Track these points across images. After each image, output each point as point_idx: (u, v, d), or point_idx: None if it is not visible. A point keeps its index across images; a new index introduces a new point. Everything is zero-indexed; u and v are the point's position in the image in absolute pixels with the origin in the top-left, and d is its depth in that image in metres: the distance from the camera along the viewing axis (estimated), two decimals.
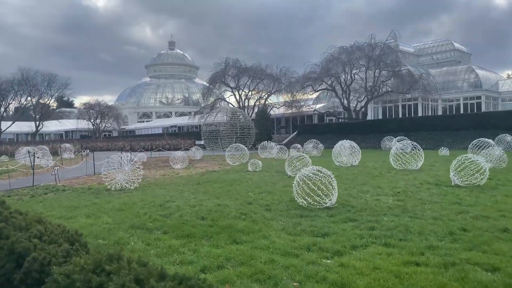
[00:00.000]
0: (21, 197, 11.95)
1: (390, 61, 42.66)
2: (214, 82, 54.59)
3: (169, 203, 9.52)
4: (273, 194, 10.36)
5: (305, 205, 8.43)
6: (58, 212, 8.91)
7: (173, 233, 6.56)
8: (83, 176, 17.78)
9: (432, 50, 65.75)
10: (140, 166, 13.67)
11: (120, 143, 50.17)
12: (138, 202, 9.73)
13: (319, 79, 44.95)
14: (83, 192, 12.68)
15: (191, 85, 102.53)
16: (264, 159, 25.78)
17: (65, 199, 11.09)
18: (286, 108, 53.18)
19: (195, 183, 13.70)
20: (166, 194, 11.20)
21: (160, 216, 7.90)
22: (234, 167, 20.42)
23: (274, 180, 13.78)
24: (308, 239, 5.99)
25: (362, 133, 39.76)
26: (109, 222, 7.50)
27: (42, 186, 14.47)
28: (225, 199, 9.92)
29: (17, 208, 7.18)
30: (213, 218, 7.58)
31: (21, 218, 5.19)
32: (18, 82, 71.00)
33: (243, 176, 15.51)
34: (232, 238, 6.17)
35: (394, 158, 16.86)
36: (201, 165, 22.72)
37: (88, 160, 19.95)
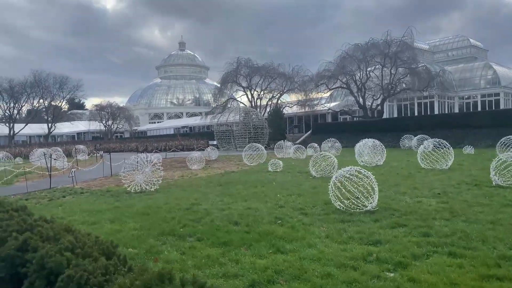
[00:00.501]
0: (39, 201, 11.54)
1: (406, 58, 41.73)
2: (226, 82, 54.16)
3: (196, 206, 9.00)
4: (303, 196, 9.78)
5: (344, 208, 7.84)
6: (80, 217, 8.44)
7: (208, 241, 6.02)
8: (100, 178, 17.39)
9: (448, 47, 64.40)
10: (160, 167, 13.19)
11: (133, 144, 50.02)
12: (162, 206, 9.22)
13: (334, 77, 44.18)
14: (102, 194, 12.23)
15: (202, 85, 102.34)
16: (280, 159, 25.17)
17: (84, 203, 10.64)
18: (299, 107, 52.49)
19: (217, 185, 13.17)
20: (190, 196, 10.68)
21: (189, 221, 7.37)
22: (253, 167, 19.87)
23: (299, 181, 13.19)
24: (360, 248, 5.39)
25: (378, 131, 38.85)
26: (136, 228, 6.99)
27: (59, 189, 14.08)
28: (254, 201, 9.36)
29: (36, 213, 6.72)
30: (247, 223, 7.02)
31: (48, 227, 4.69)
32: (30, 85, 71.51)
33: (264, 177, 14.95)
34: (274, 246, 5.60)
35: (421, 157, 16.14)
36: (218, 165, 22.21)
37: (104, 161, 19.57)
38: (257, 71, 52.74)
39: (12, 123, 71.05)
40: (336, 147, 27.48)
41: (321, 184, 11.81)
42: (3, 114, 73.62)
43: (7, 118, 72.00)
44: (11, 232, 4.80)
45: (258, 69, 52.78)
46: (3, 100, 70.98)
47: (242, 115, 42.61)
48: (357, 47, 44.44)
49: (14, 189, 14.32)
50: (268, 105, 53.99)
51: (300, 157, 24.16)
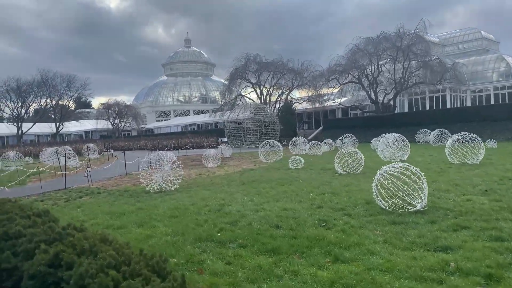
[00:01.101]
0: (56, 202, 10.99)
1: (420, 51, 40.76)
2: (234, 78, 53.35)
3: (226, 207, 8.37)
4: (338, 195, 9.11)
5: (390, 208, 7.17)
6: (103, 220, 7.85)
7: (253, 247, 5.39)
8: (115, 177, 16.84)
9: (458, 40, 63.18)
10: (180, 166, 12.58)
11: (141, 142, 49.56)
12: (189, 207, 8.60)
13: (345, 72, 43.28)
14: (121, 195, 11.66)
15: (208, 82, 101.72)
16: (296, 155, 24.51)
17: (104, 204, 10.07)
18: (309, 103, 51.65)
19: (240, 183, 12.55)
20: (215, 196, 10.06)
21: (225, 224, 6.75)
22: (271, 164, 19.22)
23: (325, 178, 12.52)
24: (431, 256, 4.74)
25: (391, 126, 38.02)
26: (168, 233, 6.38)
27: (75, 189, 13.53)
28: (287, 201, 8.72)
29: (57, 216, 6.13)
30: (289, 226, 6.38)
31: (80, 236, 4.07)
32: (38, 84, 71.26)
33: (287, 174, 14.29)
34: (331, 254, 4.96)
35: (450, 152, 15.40)
36: (233, 163, 21.59)
37: (119, 160, 19.01)
38: (266, 67, 51.87)
39: (20, 122, 70.90)
40: (350, 142, 26.69)
41: (352, 182, 11.15)
42: (11, 114, 73.50)
43: (15, 118, 71.85)
44: (37, 243, 4.20)
45: (267, 64, 51.92)
46: (11, 99, 70.85)
47: (253, 112, 41.94)
48: (368, 41, 43.50)
49: (28, 190, 13.80)
50: (277, 101, 53.20)
51: (317, 154, 23.47)
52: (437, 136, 27.33)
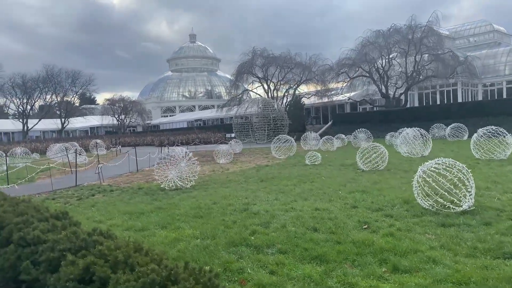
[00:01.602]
0: (67, 200, 10.50)
1: (432, 43, 39.89)
2: (241, 73, 52.68)
3: (251, 206, 7.83)
4: (369, 194, 8.54)
5: (434, 208, 6.60)
6: (121, 221, 7.33)
7: (294, 254, 4.84)
8: (126, 174, 16.34)
9: (469, 33, 62.11)
10: (196, 162, 12.05)
11: (148, 138, 49.13)
12: (212, 206, 8.07)
13: (355, 65, 42.49)
14: (135, 192, 11.15)
15: (213, 77, 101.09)
16: (308, 151, 23.94)
17: (119, 202, 9.56)
18: (317, 97, 50.93)
19: (258, 180, 12.00)
20: (236, 194, 9.52)
21: (256, 226, 6.21)
22: (285, 160, 18.65)
23: (349, 175, 11.94)
24: (505, 265, 4.17)
25: (404, 121, 37.26)
26: (197, 236, 5.84)
27: (86, 186, 13.04)
28: (316, 200, 8.16)
29: (78, 220, 5.61)
30: (328, 229, 5.83)
31: (110, 245, 3.53)
32: (43, 80, 70.98)
33: (306, 170, 13.72)
34: (387, 262, 4.41)
35: (475, 147, 14.77)
36: (245, 159, 21.05)
37: (128, 155, 18.52)
38: (273, 61, 51.14)
39: (26, 118, 70.72)
40: (363, 137, 25.99)
41: (379, 179, 10.57)
42: (16, 110, 73.34)
43: (21, 114, 71.67)
44: (62, 251, 3.66)
45: (274, 59, 51.18)
46: (16, 96, 70.65)
47: (261, 107, 41.33)
48: (379, 34, 42.66)
49: (37, 187, 13.33)
50: (285, 96, 52.52)
51: (330, 149, 22.87)
52: (453, 130, 26.62)
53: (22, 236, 4.39)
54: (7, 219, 5.28)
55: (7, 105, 76.74)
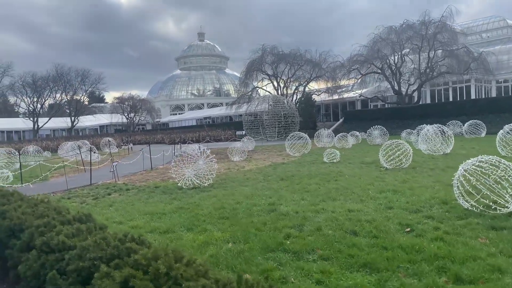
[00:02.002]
0: (83, 199, 10.19)
1: (446, 39, 39.11)
2: (251, 71, 52.30)
3: (278, 206, 7.43)
4: (402, 194, 8.08)
5: (478, 210, 6.14)
6: (143, 222, 6.97)
7: (339, 260, 4.43)
8: (140, 172, 16.04)
9: (482, 28, 60.96)
10: (213, 160, 11.67)
11: (158, 136, 48.99)
12: (237, 206, 7.68)
13: (367, 62, 41.84)
14: (152, 191, 10.81)
15: (222, 75, 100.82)
16: (322, 148, 23.50)
17: (137, 202, 9.22)
18: (327, 94, 50.36)
19: (278, 179, 11.59)
20: (258, 193, 9.13)
21: (288, 228, 5.80)
22: (301, 158, 18.21)
23: (373, 173, 11.48)
24: None
25: (417, 118, 36.70)
26: (227, 239, 5.45)
27: (101, 185, 12.74)
28: (346, 200, 7.74)
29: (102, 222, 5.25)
30: (369, 233, 5.40)
31: (146, 253, 3.15)
32: (53, 79, 71.20)
33: (326, 168, 13.27)
34: (447, 271, 3.98)
35: (500, 144, 14.22)
36: (259, 156, 20.65)
37: (142, 153, 18.21)
38: (283, 58, 50.69)
39: (36, 117, 71.03)
40: (377, 134, 25.38)
41: (407, 178, 10.10)
42: (26, 109, 73.73)
43: (31, 113, 72.01)
44: (92, 260, 3.29)
45: (284, 56, 50.73)
46: (27, 94, 70.97)
47: (271, 104, 40.88)
48: (391, 30, 41.98)
49: (52, 186, 13.06)
50: (295, 93, 52.02)
51: (346, 146, 22.38)
52: (470, 127, 25.98)
53: (46, 241, 4.04)
54: (27, 221, 4.94)
55: (17, 104, 77.28)
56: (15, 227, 5.05)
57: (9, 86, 69.21)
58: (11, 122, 77.16)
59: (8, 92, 72.88)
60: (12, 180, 14.54)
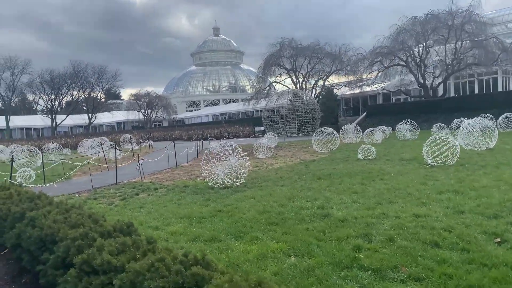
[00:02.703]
0: (111, 200, 9.60)
1: (474, 29, 37.52)
2: (268, 65, 51.35)
3: (329, 210, 6.66)
4: (466, 195, 7.22)
5: None
6: (182, 227, 6.30)
7: (436, 282, 3.65)
8: (166, 170, 15.44)
9: (508, 18, 58.76)
10: (245, 157, 10.96)
11: (176, 132, 48.60)
12: (282, 210, 6.94)
13: (391, 54, 40.48)
14: (182, 191, 10.17)
15: (237, 71, 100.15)
16: (348, 144, 22.60)
17: (169, 203, 8.56)
18: (349, 88, 49.12)
19: (314, 178, 10.81)
20: (299, 194, 8.38)
21: (355, 238, 5.04)
22: (330, 155, 17.36)
23: (420, 171, 10.60)
24: None
25: (444, 111, 35.36)
26: (285, 251, 4.72)
27: (127, 184, 12.16)
28: (405, 203, 6.92)
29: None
30: (454, 244, 4.60)
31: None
32: (70, 76, 71.59)
33: (364, 166, 12.43)
34: None
35: None
36: (284, 153, 19.88)
37: (167, 150, 17.62)
38: (302, 51, 49.56)
39: (54, 114, 71.57)
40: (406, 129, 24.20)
41: (462, 176, 9.19)
42: (45, 106, 74.38)
43: (49, 110, 72.60)
44: None
45: (303, 49, 49.59)
46: (45, 92, 71.54)
47: (291, 99, 39.99)
48: (415, 20, 40.50)
49: (76, 185, 12.53)
50: (314, 87, 50.94)
51: (376, 142, 21.41)
52: (505, 121, 24.69)
53: (86, 260, 3.36)
54: (61, 232, 4.28)
55: (36, 101, 78.05)
56: (47, 238, 4.42)
57: (28, 83, 69.88)
58: (30, 119, 78.02)
59: (26, 89, 73.68)
60: (35, 179, 14.11)
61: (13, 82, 68.64)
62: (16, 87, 70.48)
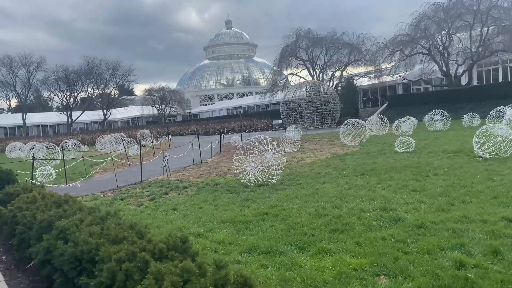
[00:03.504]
0: (139, 201, 8.87)
1: (502, 13, 35.83)
2: (284, 56, 50.22)
3: (396, 213, 5.78)
4: None
5: None
6: (227, 234, 5.49)
7: None
8: (190, 166, 14.70)
9: None
10: (281, 151, 10.12)
11: (192, 127, 47.98)
12: (338, 212, 6.08)
13: (413, 42, 38.99)
14: (214, 190, 9.39)
15: (251, 64, 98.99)
16: (376, 136, 21.57)
17: (205, 204, 7.79)
18: (368, 79, 47.73)
19: (357, 173, 9.91)
20: (348, 193, 7.51)
21: (451, 251, 4.16)
22: (363, 148, 16.39)
23: (473, 165, 9.61)
24: None
25: (471, 101, 33.91)
26: (369, 269, 3.86)
27: (153, 182, 11.43)
28: (483, 203, 5.99)
29: (153, 224, 3.71)
30: None
31: None
32: (84, 72, 71.51)
33: (407, 160, 11.46)
34: None
35: None
36: (311, 146, 18.98)
37: (191, 145, 16.88)
38: (318, 42, 48.30)
39: (69, 111, 71.68)
40: (437, 120, 22.93)
41: None
42: (60, 103, 74.54)
43: (64, 107, 72.75)
44: None
45: (319, 40, 48.32)
46: (60, 89, 71.63)
47: (309, 91, 38.91)
48: (438, 7, 38.91)
49: (99, 184, 11.84)
50: (331, 79, 49.65)
51: (406, 133, 20.33)
52: None
53: None
54: (102, 249, 3.51)
55: (51, 98, 78.32)
56: (84, 256, 3.66)
57: (43, 80, 70.01)
58: (45, 116, 78.37)
59: (41, 87, 73.86)
60: (55, 178, 13.51)
61: (29, 79, 68.85)
62: (32, 84, 70.72)
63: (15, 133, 70.20)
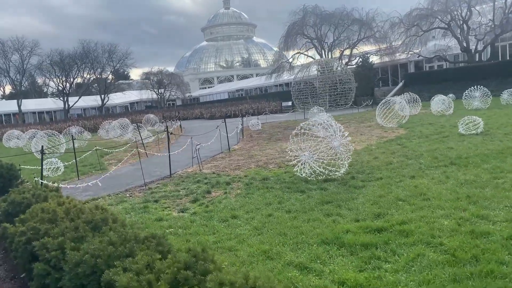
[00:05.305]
0: (179, 204, 7.00)
1: None
2: (291, 35, 47.72)
3: None
4: None
5: None
6: (352, 269, 3.65)
7: None
8: (219, 154, 12.77)
9: None
10: (347, 138, 8.22)
11: (196, 111, 45.81)
12: (490, 228, 4.21)
13: (432, 16, 36.69)
14: (266, 186, 7.61)
15: (250, 45, 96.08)
16: (411, 116, 19.65)
17: (270, 209, 5.95)
18: (379, 57, 45.48)
19: (444, 163, 8.05)
20: (462, 191, 5.64)
21: None
22: (410, 130, 14.49)
23: None
24: None
25: (496, 78, 31.90)
26: None
27: (185, 177, 9.49)
28: None
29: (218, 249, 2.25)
30: None
31: None
32: (80, 56, 68.63)
33: (488, 144, 9.60)
34: None
35: None
36: (346, 130, 17.02)
37: (219, 130, 14.90)
38: (326, 19, 45.82)
39: (66, 96, 69.11)
40: (476, 97, 20.96)
41: None
42: (56, 88, 71.88)
43: (60, 92, 70.13)
44: None
45: (328, 16, 45.80)
46: (55, 74, 68.81)
47: (321, 70, 36.73)
48: None
49: (119, 180, 9.84)
50: (341, 57, 47.34)
51: (446, 113, 18.44)
52: None
53: None
54: None
55: (46, 83, 75.51)
56: None
57: (37, 65, 67.12)
58: (41, 102, 75.68)
59: (36, 72, 70.93)
60: (64, 171, 11.58)
61: (22, 64, 65.94)
62: (26, 69, 67.82)
63: (11, 120, 67.72)
